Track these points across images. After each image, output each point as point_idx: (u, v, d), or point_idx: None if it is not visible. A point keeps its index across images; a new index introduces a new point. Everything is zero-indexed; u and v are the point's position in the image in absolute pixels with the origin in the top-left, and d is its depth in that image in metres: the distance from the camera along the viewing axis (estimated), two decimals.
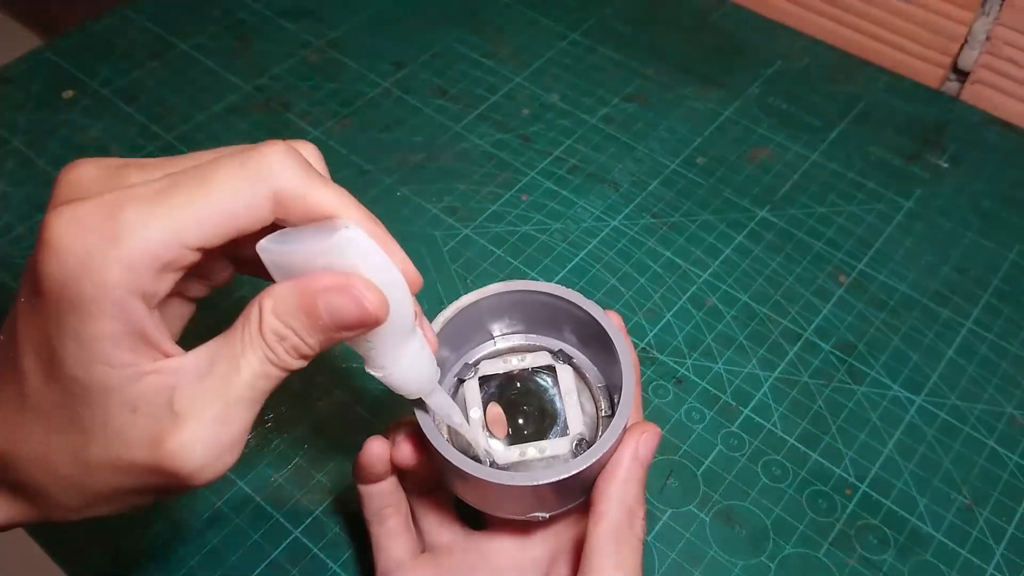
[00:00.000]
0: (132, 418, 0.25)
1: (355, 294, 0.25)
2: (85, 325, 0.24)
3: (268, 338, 0.26)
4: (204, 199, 0.24)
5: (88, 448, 0.25)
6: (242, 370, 0.26)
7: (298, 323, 0.26)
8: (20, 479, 0.27)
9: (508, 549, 0.37)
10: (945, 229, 0.56)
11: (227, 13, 0.69)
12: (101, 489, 0.26)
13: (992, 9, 0.60)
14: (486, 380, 0.36)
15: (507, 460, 0.34)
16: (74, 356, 0.24)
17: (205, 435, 0.25)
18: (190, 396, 0.25)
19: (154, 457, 0.25)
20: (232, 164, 0.25)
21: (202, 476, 0.26)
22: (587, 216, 0.56)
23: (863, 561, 0.42)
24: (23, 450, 0.26)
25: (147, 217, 0.23)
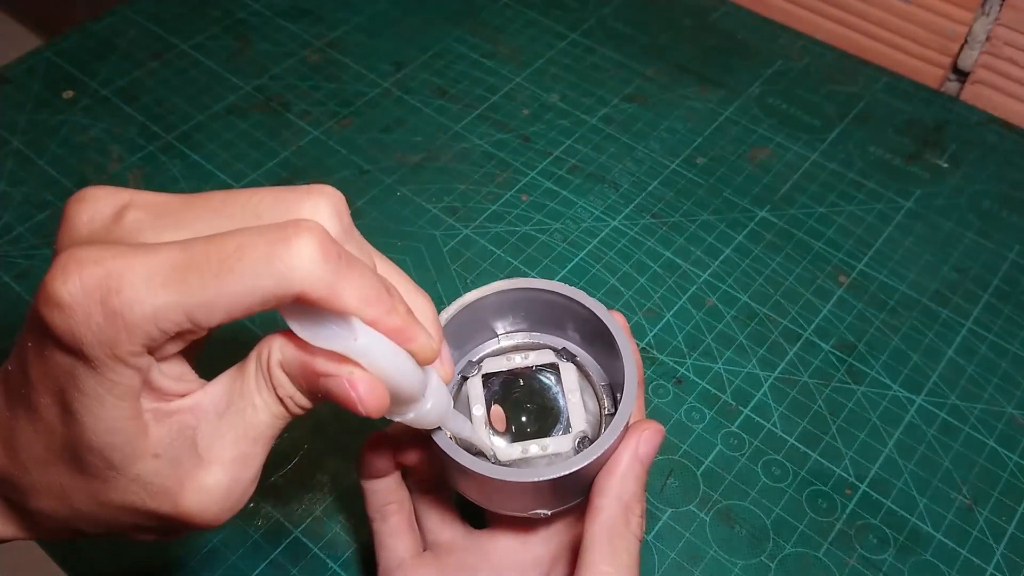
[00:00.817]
0: (155, 464, 0.25)
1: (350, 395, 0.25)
2: (105, 388, 0.23)
3: (278, 391, 0.26)
4: (221, 290, 0.23)
5: (108, 492, 0.25)
6: (260, 410, 0.26)
7: (299, 386, 0.26)
8: (38, 508, 0.27)
9: (510, 548, 0.37)
10: (945, 229, 0.56)
11: (227, 13, 0.69)
12: (119, 524, 0.27)
13: (992, 9, 0.60)
14: (489, 378, 0.36)
15: (509, 457, 0.34)
16: (93, 413, 0.24)
17: (228, 477, 0.25)
18: (212, 436, 0.25)
19: (175, 506, 0.25)
20: (257, 259, 0.23)
21: (220, 519, 0.26)
22: (587, 216, 0.56)
23: (863, 561, 0.42)
24: (41, 483, 0.26)
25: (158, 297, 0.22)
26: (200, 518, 0.25)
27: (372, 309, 0.25)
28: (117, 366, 0.23)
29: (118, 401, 0.24)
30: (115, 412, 0.24)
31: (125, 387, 0.23)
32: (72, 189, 0.57)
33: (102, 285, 0.22)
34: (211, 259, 0.23)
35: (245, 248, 0.23)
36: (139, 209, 0.25)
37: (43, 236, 0.54)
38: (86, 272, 0.22)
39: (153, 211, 0.25)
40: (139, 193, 0.25)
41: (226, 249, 0.23)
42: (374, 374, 0.26)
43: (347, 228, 0.26)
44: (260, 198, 0.25)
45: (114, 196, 0.25)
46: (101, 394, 0.23)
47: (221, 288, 0.23)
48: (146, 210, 0.25)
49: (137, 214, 0.25)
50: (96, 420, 0.24)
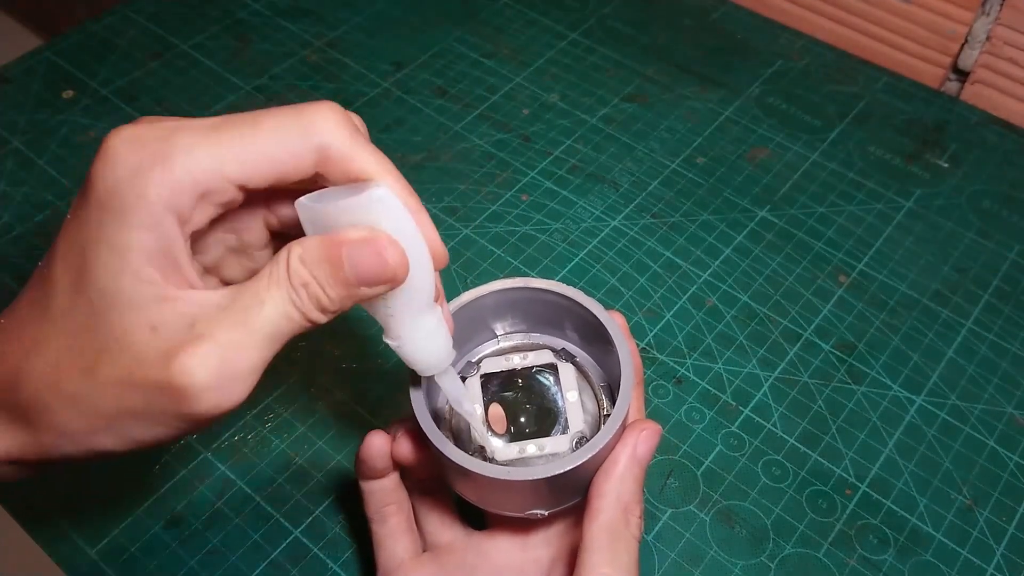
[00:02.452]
0: (150, 336, 0.25)
1: (377, 248, 0.26)
2: (121, 233, 0.24)
3: (293, 281, 0.26)
4: (252, 138, 0.25)
5: (101, 362, 0.25)
6: (265, 305, 0.26)
7: (321, 272, 0.26)
8: (25, 398, 0.27)
9: (509, 549, 0.37)
10: (945, 229, 0.56)
11: (227, 13, 0.69)
12: (106, 409, 0.26)
13: (992, 9, 0.60)
14: (488, 378, 0.36)
15: (507, 457, 0.34)
16: (105, 263, 0.25)
17: (218, 356, 0.25)
18: (210, 321, 0.26)
19: (164, 372, 0.25)
20: (284, 113, 0.26)
21: (207, 400, 0.25)
22: (587, 216, 0.56)
23: (863, 561, 0.42)
24: (35, 366, 0.26)
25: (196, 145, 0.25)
26: (186, 389, 0.25)
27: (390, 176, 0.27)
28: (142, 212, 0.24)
29: (129, 252, 0.25)
30: (124, 264, 0.25)
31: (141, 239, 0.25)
32: (72, 189, 0.57)
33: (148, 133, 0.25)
34: (244, 119, 0.26)
35: (275, 109, 0.26)
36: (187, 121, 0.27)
37: (43, 236, 0.54)
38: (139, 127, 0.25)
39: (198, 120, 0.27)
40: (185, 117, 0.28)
41: (258, 112, 0.26)
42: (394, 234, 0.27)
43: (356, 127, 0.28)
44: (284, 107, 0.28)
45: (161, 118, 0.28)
46: (115, 243, 0.24)
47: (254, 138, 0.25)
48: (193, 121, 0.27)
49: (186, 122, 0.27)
50: (105, 270, 0.25)
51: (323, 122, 0.26)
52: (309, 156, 0.26)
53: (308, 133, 0.26)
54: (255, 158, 0.26)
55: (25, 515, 0.43)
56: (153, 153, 0.25)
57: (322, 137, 0.26)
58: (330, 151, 0.26)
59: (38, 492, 0.44)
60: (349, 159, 0.27)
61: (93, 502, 0.43)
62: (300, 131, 0.26)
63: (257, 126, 0.26)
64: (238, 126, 0.26)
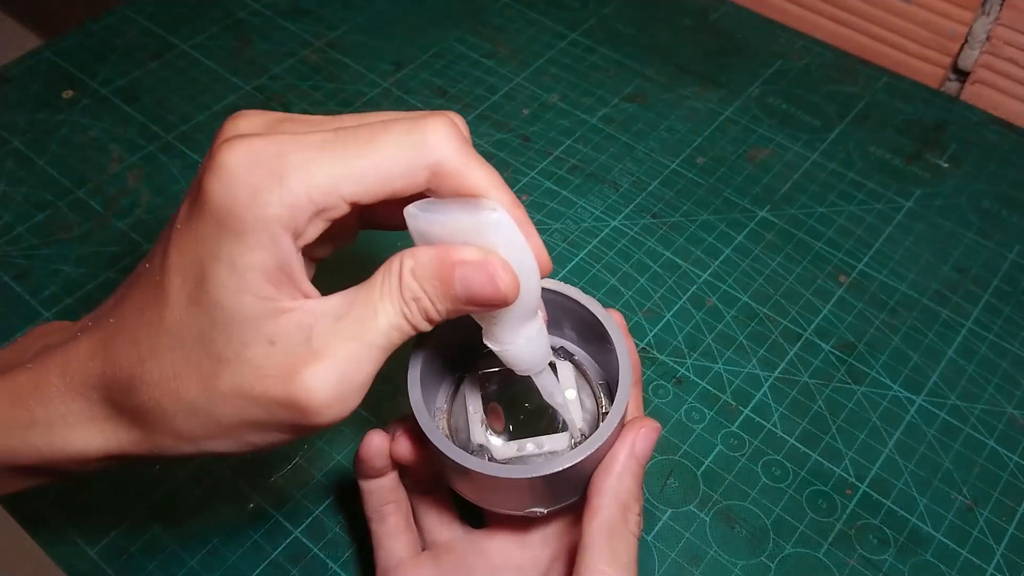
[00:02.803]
0: (269, 350, 0.26)
1: (491, 272, 0.26)
2: (242, 253, 0.25)
3: (405, 294, 0.27)
4: (368, 157, 0.25)
5: (220, 375, 0.26)
6: (379, 317, 0.27)
7: (432, 288, 0.27)
8: (142, 403, 0.27)
9: (508, 548, 0.37)
10: (945, 229, 0.56)
11: (227, 13, 0.69)
12: (226, 419, 0.27)
13: (992, 9, 0.60)
14: (487, 376, 0.36)
15: (505, 455, 0.34)
16: (224, 282, 0.25)
17: (338, 372, 0.26)
18: (327, 334, 0.26)
19: (286, 389, 0.26)
20: (399, 130, 0.26)
21: (327, 415, 0.26)
22: (587, 216, 0.56)
23: (863, 561, 0.42)
24: (152, 373, 0.27)
25: (313, 163, 0.25)
26: (308, 404, 0.26)
27: (501, 193, 0.27)
28: (260, 232, 0.25)
29: (249, 272, 0.25)
30: (244, 283, 0.25)
31: (260, 258, 0.25)
32: (72, 189, 0.57)
33: (265, 150, 0.25)
34: (360, 134, 0.26)
35: (388, 125, 0.26)
36: (293, 121, 0.27)
37: (43, 236, 0.54)
38: (253, 142, 0.25)
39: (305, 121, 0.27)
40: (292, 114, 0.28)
41: (373, 127, 0.26)
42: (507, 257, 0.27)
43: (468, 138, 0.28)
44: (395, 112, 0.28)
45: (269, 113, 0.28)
46: (236, 262, 0.25)
47: (369, 156, 0.25)
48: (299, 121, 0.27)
49: (291, 124, 0.27)
50: (224, 289, 0.25)
51: (436, 138, 0.26)
52: (423, 174, 0.26)
53: (422, 151, 0.26)
54: (370, 178, 0.25)
55: (25, 515, 0.43)
56: (270, 173, 0.24)
57: (436, 155, 0.26)
58: (443, 168, 0.26)
59: (38, 492, 0.44)
60: (462, 175, 0.26)
61: (93, 502, 0.43)
62: (414, 149, 0.26)
63: (372, 143, 0.26)
64: (353, 143, 0.25)
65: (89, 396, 0.28)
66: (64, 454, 0.29)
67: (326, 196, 0.25)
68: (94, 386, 0.28)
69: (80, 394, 0.28)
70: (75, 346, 0.29)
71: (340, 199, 0.25)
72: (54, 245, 0.54)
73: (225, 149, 0.25)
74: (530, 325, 0.30)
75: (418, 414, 0.32)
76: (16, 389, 0.29)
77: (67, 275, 0.52)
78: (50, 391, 0.28)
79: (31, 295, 0.51)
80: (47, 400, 0.28)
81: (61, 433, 0.28)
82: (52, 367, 0.28)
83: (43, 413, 0.28)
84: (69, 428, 0.28)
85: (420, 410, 0.32)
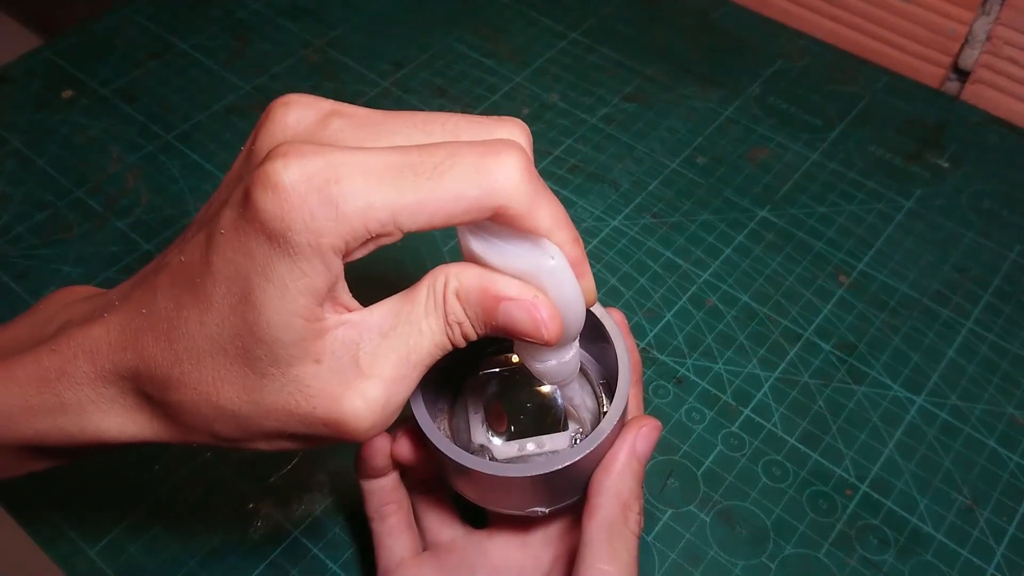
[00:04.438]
0: (316, 368, 0.25)
1: (536, 316, 0.26)
2: (294, 278, 0.24)
3: (449, 317, 0.26)
4: (432, 193, 0.24)
5: (264, 390, 0.26)
6: (424, 336, 0.26)
7: (474, 314, 0.27)
8: (179, 402, 0.27)
9: (509, 548, 0.37)
10: (945, 229, 0.56)
11: (227, 13, 0.69)
12: (267, 429, 0.27)
13: (992, 8, 0.60)
14: (487, 377, 0.36)
15: (506, 455, 0.34)
16: (274, 303, 0.24)
17: (385, 393, 0.26)
18: (373, 353, 0.26)
19: (333, 410, 0.26)
20: (469, 167, 0.24)
21: (369, 434, 0.27)
22: (587, 216, 0.56)
23: (863, 561, 0.42)
24: (191, 376, 0.26)
25: (372, 193, 0.24)
26: (354, 426, 0.26)
27: (562, 233, 0.27)
28: (314, 258, 0.24)
29: (300, 297, 0.24)
30: (294, 307, 0.24)
31: (312, 283, 0.24)
32: (72, 189, 0.57)
33: (322, 174, 0.23)
34: (425, 163, 0.24)
35: (456, 157, 0.24)
36: (343, 117, 0.26)
37: (43, 236, 0.54)
38: (308, 161, 0.23)
39: (356, 120, 0.26)
40: (342, 104, 0.27)
41: (439, 155, 0.24)
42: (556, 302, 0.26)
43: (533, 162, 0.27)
44: (457, 120, 0.27)
45: (318, 103, 0.26)
46: (288, 286, 0.24)
47: (432, 192, 0.24)
48: (349, 119, 0.26)
49: (341, 122, 0.26)
50: (274, 312, 0.24)
51: (507, 180, 0.25)
52: (486, 214, 0.25)
53: (491, 194, 0.25)
54: (431, 215, 0.24)
55: (25, 515, 0.43)
56: (326, 199, 0.23)
57: (504, 199, 0.25)
58: (508, 211, 0.25)
59: (38, 492, 0.44)
60: (526, 219, 0.26)
61: (93, 502, 0.43)
62: (482, 191, 0.24)
63: (438, 178, 0.24)
64: (417, 178, 0.24)
65: (121, 385, 0.28)
66: (96, 439, 0.28)
67: (383, 226, 0.24)
68: (126, 376, 0.27)
69: (112, 383, 0.28)
70: (103, 331, 0.28)
71: (396, 228, 0.25)
72: (54, 245, 0.54)
73: (279, 164, 0.23)
74: (565, 350, 0.30)
75: (419, 415, 0.32)
76: (42, 373, 0.28)
77: (67, 275, 0.52)
78: (79, 377, 0.28)
79: (31, 295, 0.51)
80: (77, 386, 0.28)
81: (94, 420, 0.28)
82: (80, 352, 0.28)
83: (73, 399, 0.28)
84: (103, 415, 0.28)
85: (421, 411, 0.32)
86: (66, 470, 0.43)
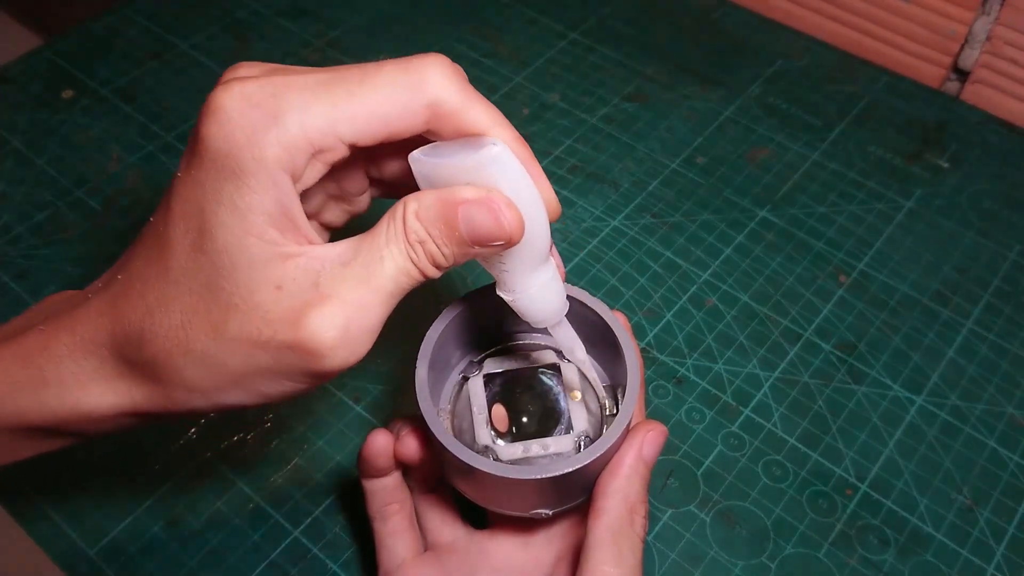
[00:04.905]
0: (276, 294, 0.26)
1: (493, 208, 0.26)
2: (242, 195, 0.25)
3: (410, 237, 0.27)
4: (364, 96, 0.25)
5: (228, 322, 0.26)
6: (385, 261, 0.26)
7: (436, 230, 0.27)
8: (153, 355, 0.27)
9: (511, 549, 0.37)
10: (945, 229, 0.56)
11: (226, 13, 0.69)
12: (235, 367, 0.27)
13: (992, 8, 0.60)
14: (491, 378, 0.36)
15: (510, 456, 0.34)
16: (227, 226, 0.25)
17: (345, 315, 0.26)
18: (333, 279, 0.26)
19: (293, 332, 0.26)
20: (395, 69, 0.26)
21: (335, 358, 0.26)
22: (587, 216, 0.56)
23: (863, 561, 0.42)
24: (161, 324, 0.26)
25: (308, 103, 0.25)
26: (315, 346, 0.26)
27: (503, 130, 0.27)
28: (260, 172, 0.24)
29: (251, 214, 0.25)
30: (246, 225, 0.25)
31: (261, 200, 0.25)
32: (72, 189, 0.57)
33: (259, 91, 0.25)
34: (354, 74, 0.26)
35: (383, 65, 0.26)
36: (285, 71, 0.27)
37: (43, 236, 0.54)
38: (247, 84, 0.25)
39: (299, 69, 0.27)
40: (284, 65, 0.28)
41: (367, 68, 0.26)
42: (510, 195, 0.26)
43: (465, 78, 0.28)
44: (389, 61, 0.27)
45: (263, 64, 0.28)
46: (236, 204, 0.25)
47: (363, 96, 0.25)
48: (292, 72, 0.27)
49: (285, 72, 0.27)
50: (228, 234, 0.25)
51: (434, 76, 0.26)
52: (421, 113, 0.26)
53: (419, 89, 0.26)
54: (367, 117, 0.25)
55: (24, 515, 0.43)
56: (266, 113, 0.24)
57: (434, 93, 0.26)
58: (442, 107, 0.26)
59: (38, 491, 0.44)
60: (461, 114, 0.26)
61: (93, 502, 0.43)
62: (411, 87, 0.25)
63: (367, 83, 0.25)
64: (348, 83, 0.25)
65: (100, 353, 0.28)
66: (78, 413, 0.29)
67: (323, 136, 0.25)
68: (104, 343, 0.28)
69: (91, 352, 0.28)
70: (84, 306, 0.28)
71: (337, 140, 0.25)
72: (54, 245, 0.54)
73: (220, 91, 0.25)
74: (543, 270, 0.29)
75: (426, 414, 0.32)
76: (25, 351, 0.29)
77: (67, 275, 0.52)
78: (60, 350, 0.28)
79: (31, 295, 0.51)
80: (57, 359, 0.28)
81: (74, 392, 0.28)
82: (61, 327, 0.28)
83: (54, 372, 0.28)
84: (82, 386, 0.28)
85: (428, 410, 0.32)
86: (66, 470, 0.43)
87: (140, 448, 0.45)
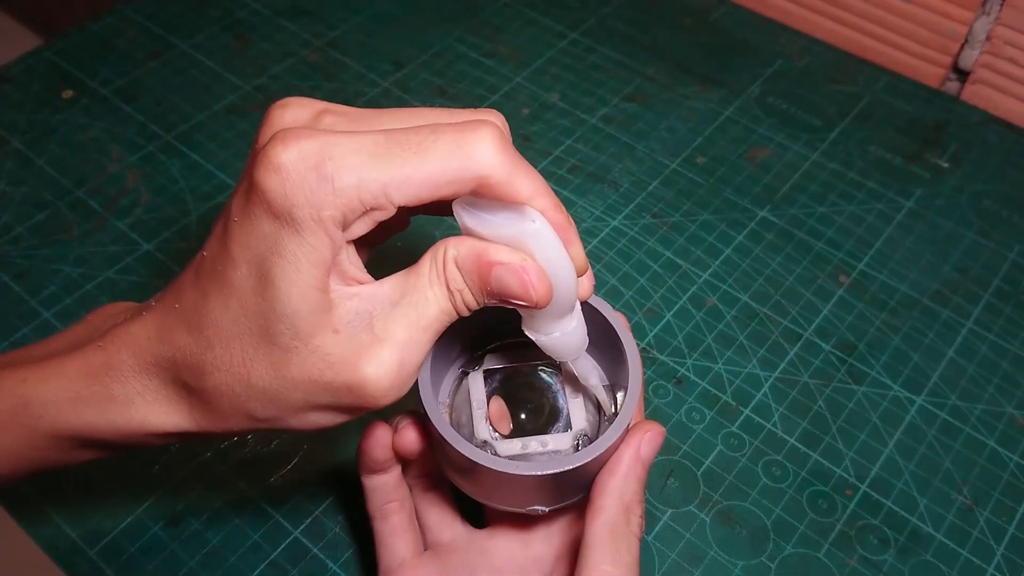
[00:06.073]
0: (335, 338, 0.28)
1: (524, 279, 0.28)
2: (303, 250, 0.26)
3: (450, 284, 0.29)
4: (418, 167, 0.27)
5: (289, 363, 0.28)
6: (430, 303, 0.29)
7: (470, 281, 0.29)
8: (214, 386, 0.29)
9: (510, 548, 0.37)
10: (945, 229, 0.56)
11: (226, 13, 0.69)
12: (295, 402, 0.29)
13: (992, 8, 0.60)
14: (491, 373, 0.36)
15: (509, 452, 0.34)
16: (288, 276, 0.27)
17: (399, 357, 0.28)
18: (386, 321, 0.28)
19: (353, 375, 0.28)
20: (450, 140, 0.27)
21: (389, 397, 0.29)
22: (587, 216, 0.56)
23: (863, 561, 0.42)
24: (221, 359, 0.28)
25: (364, 169, 0.26)
26: (373, 389, 0.28)
27: (543, 200, 0.29)
28: (318, 231, 0.26)
29: (312, 268, 0.27)
30: (308, 279, 0.27)
31: (320, 255, 0.27)
32: (72, 189, 0.57)
33: (318, 153, 0.26)
34: (410, 140, 0.27)
35: (438, 133, 0.27)
36: (335, 114, 0.29)
37: (43, 236, 0.54)
38: (304, 143, 0.26)
39: (347, 116, 0.29)
40: (333, 104, 0.29)
41: (422, 134, 0.27)
42: (542, 264, 0.28)
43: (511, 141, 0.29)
44: (439, 111, 0.29)
45: (313, 103, 0.29)
46: (299, 259, 0.26)
47: (417, 165, 0.27)
48: (341, 115, 0.29)
49: (333, 117, 0.29)
50: (290, 285, 0.27)
51: (485, 152, 0.27)
52: (469, 185, 0.27)
53: (472, 163, 0.27)
54: (419, 184, 0.27)
55: (24, 515, 0.43)
56: (324, 176, 0.26)
57: (483, 168, 0.27)
58: (490, 180, 0.27)
59: (38, 492, 0.44)
60: (506, 188, 0.28)
61: (93, 502, 0.43)
62: (464, 161, 0.27)
63: (422, 152, 0.27)
64: (404, 152, 0.27)
65: (163, 377, 0.30)
66: (142, 430, 0.30)
67: (376, 199, 0.26)
68: (165, 367, 0.29)
69: (154, 375, 0.30)
70: (142, 327, 0.30)
71: (388, 203, 0.27)
72: (54, 245, 0.54)
73: (279, 147, 0.26)
74: (567, 320, 0.31)
75: (427, 404, 0.32)
76: (90, 368, 0.30)
77: (67, 275, 0.52)
78: (124, 370, 0.30)
79: (31, 295, 0.51)
80: (122, 378, 0.30)
81: (140, 410, 0.30)
82: (123, 347, 0.30)
83: (120, 391, 0.30)
84: (148, 406, 0.30)
85: (429, 401, 0.32)
86: (66, 471, 0.43)
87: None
